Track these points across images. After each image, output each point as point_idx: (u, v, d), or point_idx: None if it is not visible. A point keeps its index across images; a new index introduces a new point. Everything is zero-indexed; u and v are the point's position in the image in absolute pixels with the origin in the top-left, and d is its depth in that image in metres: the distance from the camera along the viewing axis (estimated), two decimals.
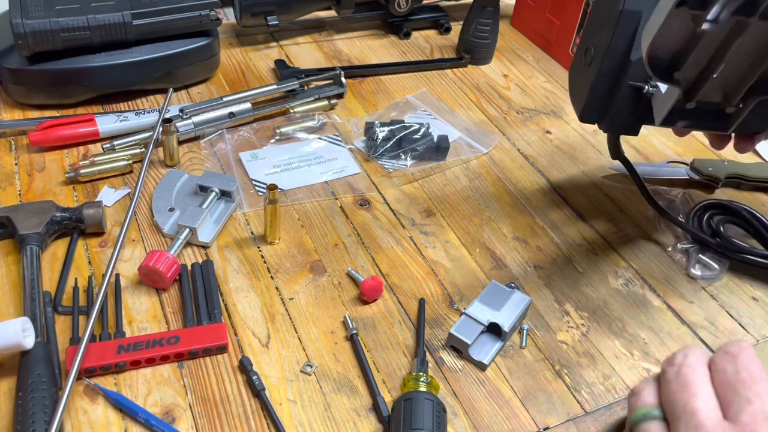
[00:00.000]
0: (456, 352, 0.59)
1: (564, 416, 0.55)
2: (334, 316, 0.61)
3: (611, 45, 0.59)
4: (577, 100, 0.63)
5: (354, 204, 0.73)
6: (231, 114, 0.81)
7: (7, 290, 0.61)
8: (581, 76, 0.63)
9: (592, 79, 0.60)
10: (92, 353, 0.55)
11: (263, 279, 0.64)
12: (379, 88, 0.92)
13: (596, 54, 0.61)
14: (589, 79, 0.61)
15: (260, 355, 0.58)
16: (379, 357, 0.58)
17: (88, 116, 0.78)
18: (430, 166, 0.79)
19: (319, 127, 0.83)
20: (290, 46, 0.99)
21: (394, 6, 1.00)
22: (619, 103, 0.60)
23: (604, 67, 0.60)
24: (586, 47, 0.63)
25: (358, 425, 0.53)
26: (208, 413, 0.53)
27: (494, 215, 0.73)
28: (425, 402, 0.51)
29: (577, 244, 0.70)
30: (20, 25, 0.74)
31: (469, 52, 0.97)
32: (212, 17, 0.85)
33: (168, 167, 0.76)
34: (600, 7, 0.63)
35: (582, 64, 0.63)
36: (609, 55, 0.60)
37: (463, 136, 0.83)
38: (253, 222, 0.70)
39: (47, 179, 0.73)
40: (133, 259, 0.65)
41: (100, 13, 0.78)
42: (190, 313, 0.60)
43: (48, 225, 0.64)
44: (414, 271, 0.66)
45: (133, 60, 0.82)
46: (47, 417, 0.49)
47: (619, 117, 0.61)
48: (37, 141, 0.75)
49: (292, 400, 0.55)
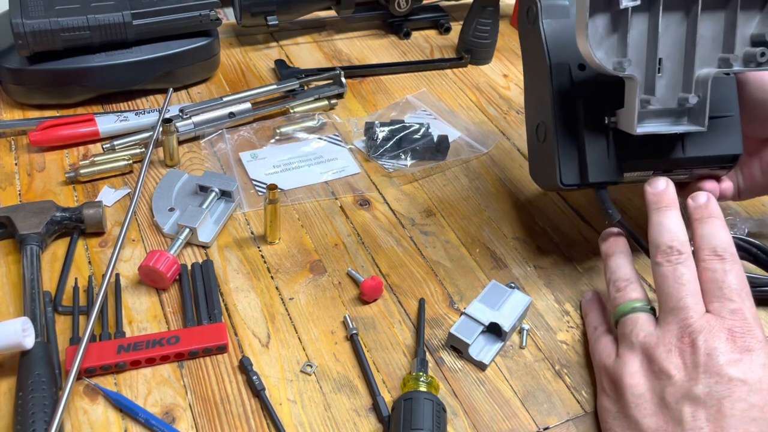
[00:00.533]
0: (456, 352, 0.59)
1: (564, 416, 0.55)
2: (334, 316, 0.61)
3: (555, 101, 0.60)
4: (549, 175, 0.61)
5: (354, 204, 0.73)
6: (231, 114, 0.81)
7: (7, 290, 0.61)
8: (543, 153, 0.62)
9: (555, 146, 0.60)
10: (92, 353, 0.55)
11: (263, 279, 0.64)
12: (379, 88, 0.92)
13: (547, 123, 0.61)
14: (553, 150, 0.60)
15: (260, 355, 0.58)
16: (379, 357, 0.58)
17: (88, 116, 0.78)
18: (430, 166, 0.79)
19: (319, 127, 0.83)
20: (290, 46, 0.99)
21: (394, 6, 1.00)
22: (592, 152, 0.59)
23: (559, 129, 0.60)
24: (536, 126, 0.63)
25: (358, 425, 0.53)
26: (208, 413, 0.53)
27: (494, 215, 0.73)
28: (425, 402, 0.51)
29: (577, 244, 0.70)
30: (20, 25, 0.74)
31: (469, 52, 0.97)
32: (212, 17, 0.85)
33: (168, 167, 0.76)
34: (531, 83, 0.65)
35: (539, 143, 0.63)
36: (558, 114, 0.60)
37: (463, 136, 0.83)
38: (253, 222, 0.70)
39: (47, 179, 0.73)
40: (133, 259, 0.65)
41: (100, 13, 0.78)
42: (190, 313, 0.60)
43: (48, 225, 0.64)
44: (414, 271, 0.66)
45: (133, 60, 0.82)
46: (47, 417, 0.49)
47: (597, 166, 0.59)
48: (37, 141, 0.75)
49: (292, 400, 0.55)
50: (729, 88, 0.61)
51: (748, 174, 0.64)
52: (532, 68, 0.64)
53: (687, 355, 0.47)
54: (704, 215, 0.53)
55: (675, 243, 0.52)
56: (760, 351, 0.47)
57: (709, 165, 0.62)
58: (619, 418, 0.50)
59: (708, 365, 0.46)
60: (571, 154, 0.60)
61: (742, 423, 0.44)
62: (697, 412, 0.45)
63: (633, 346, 0.51)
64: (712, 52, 0.56)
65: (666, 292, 0.51)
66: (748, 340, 0.47)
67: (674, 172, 0.62)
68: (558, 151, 0.60)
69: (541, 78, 0.61)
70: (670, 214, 0.54)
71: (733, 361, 0.46)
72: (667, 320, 0.50)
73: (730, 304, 0.48)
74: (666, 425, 0.46)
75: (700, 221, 0.53)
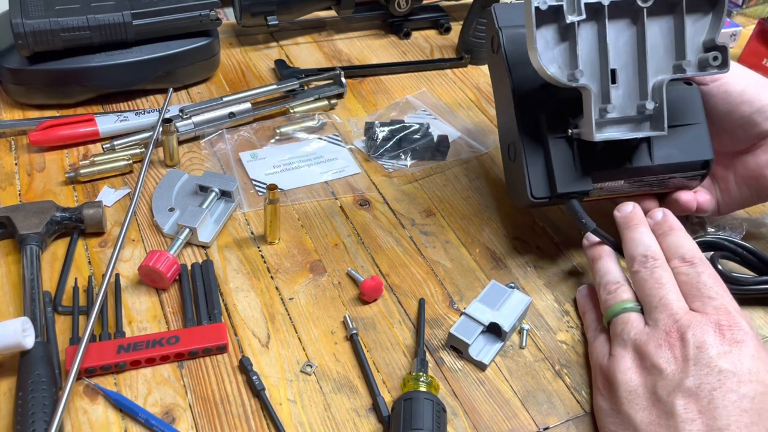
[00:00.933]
0: (456, 352, 0.59)
1: (564, 416, 0.55)
2: (334, 316, 0.61)
3: (520, 120, 0.62)
4: (522, 192, 0.63)
5: (354, 204, 0.73)
6: (231, 114, 0.81)
7: (7, 290, 0.61)
8: (515, 172, 0.64)
9: (524, 163, 0.62)
10: (92, 353, 0.55)
11: (263, 279, 0.64)
12: (379, 88, 0.92)
13: (515, 142, 0.63)
14: (522, 166, 0.62)
15: (260, 355, 0.58)
16: (379, 357, 0.58)
17: (88, 116, 0.78)
18: (430, 166, 0.79)
19: (319, 127, 0.83)
20: (290, 46, 0.99)
21: (394, 6, 1.00)
22: (559, 164, 0.61)
23: (526, 146, 0.62)
24: (507, 146, 0.66)
25: (358, 425, 0.53)
26: (208, 413, 0.53)
27: (494, 215, 0.73)
28: (425, 402, 0.51)
29: (577, 244, 0.70)
30: (20, 25, 0.74)
31: (469, 52, 0.97)
32: (212, 17, 0.85)
33: (168, 167, 0.76)
34: (500, 108, 0.68)
35: (511, 162, 0.65)
36: (523, 131, 0.62)
37: (463, 136, 0.83)
38: (253, 222, 0.70)
39: (47, 179, 0.73)
40: (133, 259, 0.65)
41: (100, 13, 0.78)
42: (190, 313, 0.60)
43: (48, 225, 0.64)
44: (414, 271, 0.66)
45: (133, 60, 0.82)
46: (47, 417, 0.49)
47: (564, 177, 0.61)
48: (37, 141, 0.75)
49: (292, 400, 0.55)
50: (693, 97, 0.63)
51: (725, 188, 0.66)
52: (500, 93, 0.67)
53: (677, 349, 0.48)
54: (665, 229, 0.57)
55: (649, 252, 0.55)
56: (749, 342, 0.48)
57: (679, 172, 0.63)
58: (612, 415, 0.50)
59: (698, 358, 0.47)
60: (540, 169, 0.62)
61: (733, 414, 0.45)
62: (689, 405, 0.46)
63: (625, 344, 0.51)
64: (666, 59, 0.57)
65: (648, 294, 0.52)
66: (736, 332, 0.48)
67: (645, 182, 0.63)
68: (526, 167, 0.62)
69: (507, 101, 0.64)
70: (641, 229, 0.57)
71: (722, 353, 0.47)
72: (654, 318, 0.51)
73: (712, 301, 0.50)
74: (659, 419, 0.47)
75: (664, 235, 0.56)
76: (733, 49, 1.06)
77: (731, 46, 1.06)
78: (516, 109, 0.62)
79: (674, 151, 0.62)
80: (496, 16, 0.65)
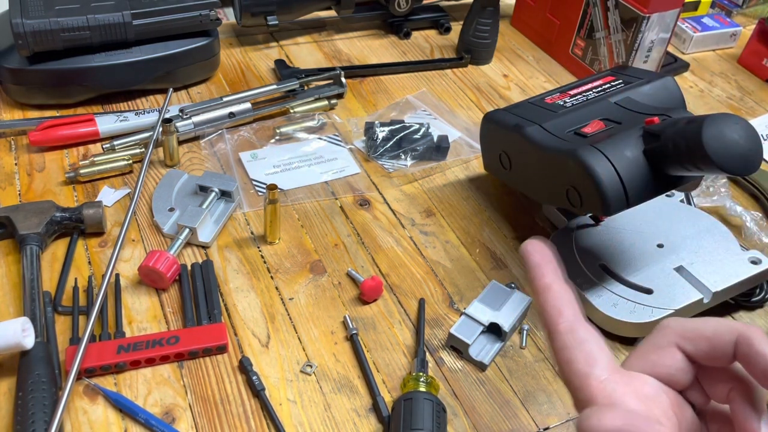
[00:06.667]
0: (456, 352, 0.59)
1: (564, 416, 0.55)
2: (334, 316, 0.61)
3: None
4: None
5: (354, 204, 0.73)
6: (231, 114, 0.81)
7: (7, 290, 0.61)
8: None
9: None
10: (92, 353, 0.55)
11: (263, 279, 0.64)
12: (379, 88, 0.92)
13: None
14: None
15: (260, 355, 0.58)
16: (379, 357, 0.58)
17: (88, 116, 0.78)
18: (430, 166, 0.79)
19: (319, 127, 0.83)
20: (290, 46, 0.99)
21: (394, 6, 1.00)
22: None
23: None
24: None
25: (358, 425, 0.53)
26: (208, 413, 0.53)
27: (494, 215, 0.73)
28: (425, 402, 0.51)
29: None
30: (20, 25, 0.74)
31: (469, 52, 0.97)
32: (212, 17, 0.85)
33: (168, 167, 0.76)
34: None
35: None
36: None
37: (463, 136, 0.83)
38: (253, 222, 0.70)
39: (47, 179, 0.73)
40: (133, 259, 0.65)
41: (100, 13, 0.78)
42: (190, 313, 0.60)
43: (48, 225, 0.64)
44: (414, 271, 0.66)
45: (133, 60, 0.82)
46: (47, 417, 0.49)
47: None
48: (37, 141, 0.75)
49: (292, 400, 0.55)
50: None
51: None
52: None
53: None
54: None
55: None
56: None
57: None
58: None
59: None
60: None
61: None
62: None
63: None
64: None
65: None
66: None
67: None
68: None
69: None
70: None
71: None
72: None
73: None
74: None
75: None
76: (733, 49, 1.06)
77: (731, 46, 1.06)
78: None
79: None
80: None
